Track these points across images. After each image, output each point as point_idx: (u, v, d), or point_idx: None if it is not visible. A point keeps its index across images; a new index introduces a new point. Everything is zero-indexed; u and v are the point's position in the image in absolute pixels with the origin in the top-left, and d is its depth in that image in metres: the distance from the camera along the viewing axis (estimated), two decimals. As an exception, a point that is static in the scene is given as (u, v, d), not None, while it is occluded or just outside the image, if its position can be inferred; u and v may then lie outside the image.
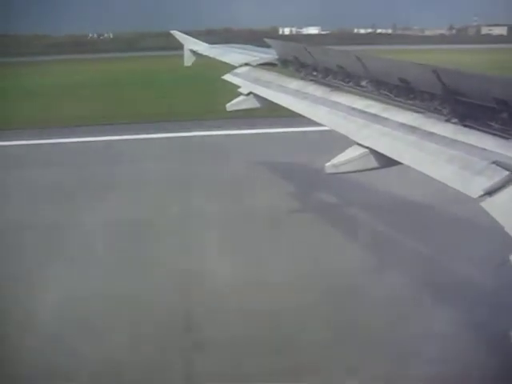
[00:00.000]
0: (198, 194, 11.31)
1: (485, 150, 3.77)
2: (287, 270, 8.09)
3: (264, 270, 8.12)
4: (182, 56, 12.48)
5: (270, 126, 17.40)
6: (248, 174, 12.78)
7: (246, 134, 17.67)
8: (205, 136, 17.57)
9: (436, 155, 4.12)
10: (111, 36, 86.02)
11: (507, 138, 3.79)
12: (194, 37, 12.90)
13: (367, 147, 4.80)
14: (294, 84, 7.21)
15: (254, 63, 8.89)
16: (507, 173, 3.43)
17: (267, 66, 8.65)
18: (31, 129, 18.79)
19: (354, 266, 8.17)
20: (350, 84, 6.26)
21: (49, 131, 18.52)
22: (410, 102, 5.08)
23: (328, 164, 4.95)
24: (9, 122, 19.53)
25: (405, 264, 8.22)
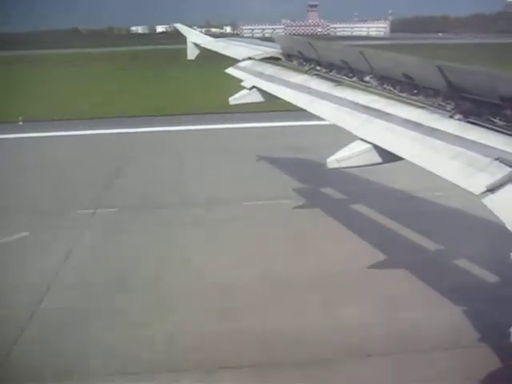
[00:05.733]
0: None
1: (488, 146, 3.77)
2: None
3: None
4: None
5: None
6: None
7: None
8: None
9: (439, 152, 4.12)
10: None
11: (511, 135, 3.79)
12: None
13: (370, 143, 4.80)
14: (298, 78, 7.19)
15: (258, 57, 8.86)
16: (510, 169, 3.44)
17: (271, 60, 8.62)
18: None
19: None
20: (354, 79, 6.25)
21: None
22: (414, 97, 5.08)
23: (330, 159, 4.94)
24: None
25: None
